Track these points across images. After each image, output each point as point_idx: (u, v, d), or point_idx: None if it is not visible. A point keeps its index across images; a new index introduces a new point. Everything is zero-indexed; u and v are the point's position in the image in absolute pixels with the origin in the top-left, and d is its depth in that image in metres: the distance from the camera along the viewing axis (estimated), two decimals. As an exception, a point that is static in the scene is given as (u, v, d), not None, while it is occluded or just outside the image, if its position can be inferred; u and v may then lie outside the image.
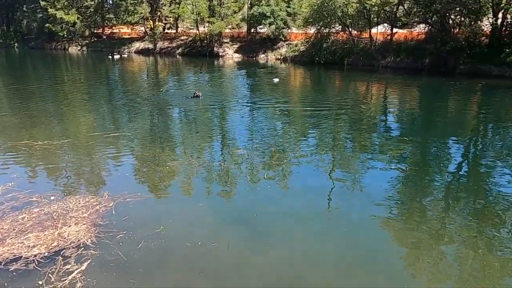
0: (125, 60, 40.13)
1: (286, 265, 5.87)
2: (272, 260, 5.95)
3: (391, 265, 5.91)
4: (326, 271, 5.75)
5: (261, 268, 5.79)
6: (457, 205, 7.87)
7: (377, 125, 14.28)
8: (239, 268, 5.86)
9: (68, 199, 7.64)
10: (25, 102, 18.08)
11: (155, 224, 6.77)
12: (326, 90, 23.16)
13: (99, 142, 11.62)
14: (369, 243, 6.45)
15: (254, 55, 39.26)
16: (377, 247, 6.32)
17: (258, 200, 8.00)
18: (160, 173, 9.32)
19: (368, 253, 6.15)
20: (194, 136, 12.40)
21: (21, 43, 57.57)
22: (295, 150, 11.00)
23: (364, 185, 8.60)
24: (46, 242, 6.14)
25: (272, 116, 14.93)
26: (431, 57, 27.34)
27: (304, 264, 5.92)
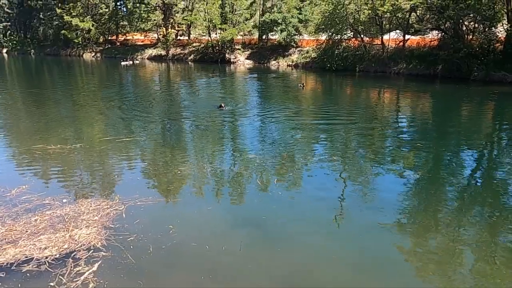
0: (138, 67, 40.67)
1: (295, 269, 5.83)
2: (281, 264, 5.93)
3: (400, 273, 5.81)
4: (335, 276, 5.69)
5: (270, 271, 5.77)
6: (470, 214, 7.71)
7: (389, 132, 14.15)
8: (248, 271, 5.83)
9: (79, 202, 7.73)
10: (40, 107, 18.46)
11: (166, 227, 6.80)
12: (338, 97, 23.09)
13: (111, 146, 11.75)
14: (379, 250, 6.35)
15: (265, 62, 39.41)
16: (387, 255, 6.23)
17: (268, 204, 7.96)
18: (171, 178, 9.37)
19: (378, 260, 6.06)
20: (205, 141, 12.45)
21: (37, 50, 58.83)
22: (306, 156, 10.96)
23: (375, 192, 8.50)
24: (58, 244, 6.20)
25: (283, 122, 14.92)
26: (444, 64, 27.07)
27: (313, 269, 5.86)
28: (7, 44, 61.44)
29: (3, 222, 6.89)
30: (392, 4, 28.17)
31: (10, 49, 61.04)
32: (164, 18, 46.82)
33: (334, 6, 31.54)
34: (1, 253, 5.94)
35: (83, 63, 46.78)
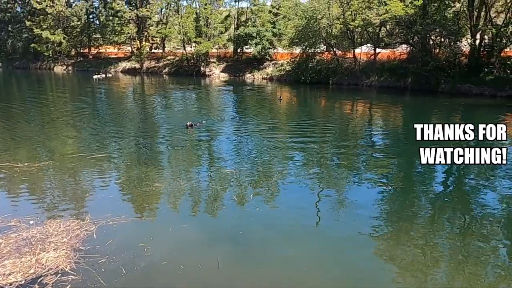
0: (111, 80, 40.00)
1: (276, 283, 5.76)
2: (261, 279, 5.88)
3: (379, 282, 5.85)
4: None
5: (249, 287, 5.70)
6: (443, 221, 7.92)
7: (363, 143, 14.42)
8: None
9: (48, 223, 7.42)
10: (7, 122, 17.79)
11: (139, 247, 6.61)
12: (313, 110, 23.42)
13: (83, 163, 11.41)
14: (357, 260, 6.43)
15: (240, 75, 39.63)
16: (365, 264, 6.30)
17: (245, 219, 7.90)
18: (144, 195, 9.16)
19: (356, 270, 6.13)
20: (180, 157, 12.28)
21: (6, 63, 57.01)
22: (282, 169, 10.98)
23: (351, 203, 8.61)
24: (23, 269, 5.91)
25: (259, 136, 14.94)
26: (413, 77, 28.01)
27: (293, 281, 5.84)
28: (-28, 57, 59.27)
29: (-37, 247, 6.51)
30: (362, 19, 29.05)
31: (-25, 62, 58.89)
32: (138, 31, 46.45)
33: (307, 20, 32.23)
34: (-40, 281, 5.60)
35: (54, 76, 45.62)
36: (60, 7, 49.29)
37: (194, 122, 15.23)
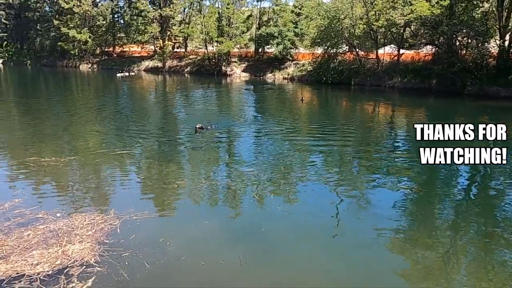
0: (134, 78, 40.71)
1: (290, 283, 5.75)
2: (280, 279, 5.89)
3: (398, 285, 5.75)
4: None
5: (265, 285, 5.72)
6: (465, 227, 7.71)
7: (384, 146, 14.17)
8: (247, 285, 5.78)
9: (73, 217, 7.62)
10: (34, 118, 18.35)
11: (161, 242, 6.72)
12: (333, 111, 23.22)
13: (106, 159, 11.66)
14: (375, 262, 6.34)
15: (261, 75, 39.64)
16: (383, 267, 6.20)
17: (266, 218, 7.93)
18: (166, 192, 9.29)
19: (374, 273, 6.04)
20: (200, 156, 12.37)
21: (34, 61, 58.79)
22: (302, 170, 10.93)
23: (371, 205, 8.51)
24: (50, 260, 6.09)
25: (280, 137, 14.91)
26: (438, 78, 27.37)
27: (314, 283, 5.80)
28: (3, 55, 61.33)
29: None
30: (386, 19, 28.58)
31: (6, 59, 60.94)
32: (161, 31, 47.11)
33: (330, 20, 31.95)
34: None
35: (80, 74, 46.77)
36: (86, 6, 50.51)
37: (205, 126, 14.91)
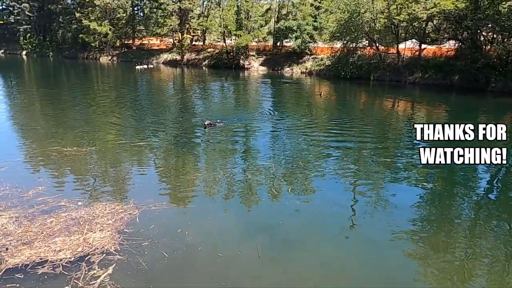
0: (153, 71, 41.10)
1: (304, 277, 5.75)
2: (292, 271, 5.95)
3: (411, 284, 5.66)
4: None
5: (279, 282, 5.75)
6: (485, 229, 7.50)
7: (403, 142, 13.95)
8: (259, 279, 5.81)
9: (94, 205, 7.79)
10: (56, 109, 18.76)
11: (179, 233, 6.83)
12: (352, 106, 22.94)
13: (125, 150, 11.85)
14: (391, 260, 6.30)
15: (279, 68, 39.43)
16: (398, 269, 6.11)
17: (283, 212, 7.95)
18: (185, 183, 9.39)
19: (390, 270, 6.00)
20: (217, 149, 12.41)
21: (56, 52, 59.90)
22: (319, 164, 10.87)
23: (387, 202, 8.36)
24: (72, 247, 6.25)
25: (297, 131, 14.83)
26: (461, 74, 26.68)
27: (324, 278, 5.79)
28: (26, 47, 62.74)
29: (19, 223, 6.98)
30: (408, 13, 27.95)
31: (29, 51, 62.33)
32: (180, 24, 47.27)
33: (350, 14, 31.45)
34: (16, 254, 6.01)
35: (100, 66, 47.46)
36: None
37: (213, 122, 14.64)
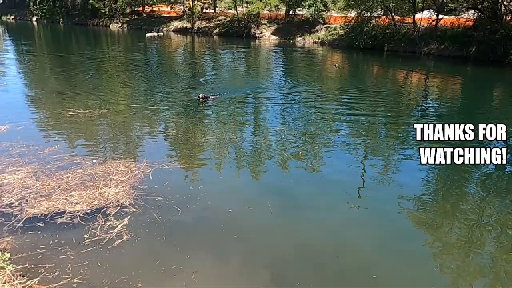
0: (163, 39, 40.69)
1: (316, 237, 5.91)
2: (299, 231, 6.07)
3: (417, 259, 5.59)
4: (357, 247, 5.71)
5: (289, 235, 5.95)
6: (494, 201, 7.40)
7: (415, 115, 13.77)
8: (270, 232, 6.01)
9: (109, 163, 7.97)
10: (68, 74, 18.83)
11: (192, 190, 7.03)
12: (364, 77, 22.59)
13: (138, 113, 11.96)
14: (397, 228, 6.29)
15: (291, 38, 38.66)
16: (405, 235, 6.11)
17: (290, 177, 8.02)
18: (196, 145, 9.52)
19: (396, 235, 6.07)
20: (228, 115, 12.41)
21: (66, 19, 59.39)
22: (329, 135, 10.75)
23: (397, 176, 8.21)
24: (88, 200, 6.45)
25: (308, 100, 14.71)
26: (478, 45, 25.87)
27: (337, 237, 5.96)
28: (36, 13, 62.27)
29: (37, 177, 7.19)
30: (427, -19, 26.93)
31: (39, 17, 61.91)
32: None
33: (366, -19, 30.41)
34: (36, 205, 6.24)
35: (110, 33, 47.06)
36: (117, -37, 50.04)
37: (207, 95, 13.82)
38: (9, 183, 6.93)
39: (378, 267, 5.23)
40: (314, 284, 4.79)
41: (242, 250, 5.48)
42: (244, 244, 5.61)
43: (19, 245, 5.30)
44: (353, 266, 5.28)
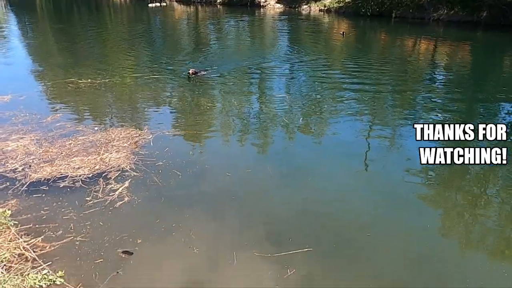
0: (165, 9, 39.94)
1: (315, 199, 5.97)
2: (298, 193, 6.13)
3: (416, 224, 5.52)
4: (357, 209, 5.76)
5: (287, 197, 6.01)
6: (503, 171, 7.31)
7: (422, 82, 13.49)
8: (268, 194, 6.08)
9: (110, 130, 8.03)
10: (71, 44, 18.68)
11: (192, 155, 7.10)
12: (371, 45, 22.09)
13: (139, 82, 11.92)
14: (402, 192, 6.24)
15: (296, 6, 37.69)
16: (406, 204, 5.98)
17: (293, 145, 8.02)
18: (197, 113, 9.52)
19: (399, 199, 6.05)
20: (233, 84, 12.30)
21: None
22: (334, 104, 10.45)
23: (402, 148, 7.99)
24: (89, 165, 6.55)
25: (313, 70, 14.48)
26: (489, 10, 25.05)
27: (337, 199, 6.01)
28: (37, -16, 61.34)
29: (40, 144, 7.29)
30: None
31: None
32: (193, -42, 44.92)
33: None
34: (39, 170, 6.35)
35: (112, 3, 46.22)
36: None
37: (199, 70, 12.93)
38: (12, 150, 7.04)
39: (375, 228, 5.29)
40: (307, 241, 4.88)
41: (240, 211, 5.57)
42: (242, 205, 5.70)
43: (24, 207, 5.44)
44: (348, 227, 5.35)
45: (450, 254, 4.95)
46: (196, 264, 4.55)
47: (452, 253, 4.98)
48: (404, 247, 5.00)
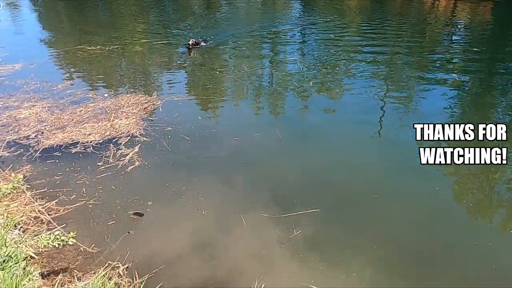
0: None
1: (324, 162, 5.95)
2: (308, 157, 6.12)
3: (430, 193, 5.39)
4: (366, 175, 5.70)
5: (296, 160, 6.01)
6: None
7: (441, 43, 12.96)
8: (277, 157, 6.12)
9: (120, 97, 8.06)
10: (78, 12, 18.47)
11: (200, 121, 7.10)
12: (387, 2, 21.17)
13: (148, 49, 11.81)
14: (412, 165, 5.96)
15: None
16: (416, 173, 5.77)
17: (306, 111, 7.90)
18: (208, 78, 9.41)
19: (409, 169, 5.90)
20: (243, 48, 12.03)
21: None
22: (349, 69, 10.12)
23: (417, 109, 7.83)
24: (100, 132, 6.64)
25: (326, 33, 14.00)
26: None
27: (338, 166, 5.96)
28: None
29: (52, 112, 7.39)
30: None
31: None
32: None
33: None
34: (51, 137, 6.47)
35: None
36: None
37: (199, 41, 11.94)
38: (25, 118, 7.16)
39: (382, 191, 5.26)
40: (314, 202, 4.93)
41: (248, 173, 5.62)
42: (250, 168, 5.75)
43: (38, 172, 5.58)
44: (356, 189, 5.34)
45: (458, 218, 4.93)
46: (205, 225, 4.65)
47: (460, 218, 4.96)
48: (411, 210, 4.99)
